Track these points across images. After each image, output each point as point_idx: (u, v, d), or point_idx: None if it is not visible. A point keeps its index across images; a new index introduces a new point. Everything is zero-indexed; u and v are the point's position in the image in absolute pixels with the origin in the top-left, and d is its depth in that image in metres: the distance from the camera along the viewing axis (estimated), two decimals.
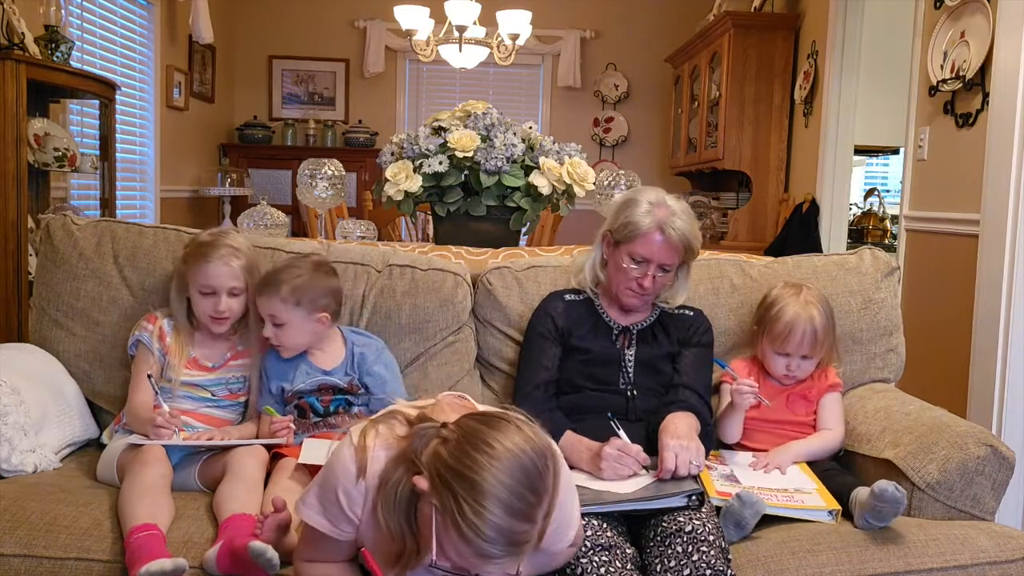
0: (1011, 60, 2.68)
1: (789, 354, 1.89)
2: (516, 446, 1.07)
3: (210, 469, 1.70)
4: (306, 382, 1.84)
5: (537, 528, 1.08)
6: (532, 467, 1.06)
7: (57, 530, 1.49)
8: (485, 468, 1.04)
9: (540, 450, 1.08)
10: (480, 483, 1.04)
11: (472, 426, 1.10)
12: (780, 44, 4.77)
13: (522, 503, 1.05)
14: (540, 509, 1.07)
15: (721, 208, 5.40)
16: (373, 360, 1.86)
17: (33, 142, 2.99)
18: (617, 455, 1.62)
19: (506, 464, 1.05)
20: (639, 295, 1.86)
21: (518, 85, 6.60)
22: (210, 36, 5.22)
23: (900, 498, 1.52)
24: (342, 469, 1.20)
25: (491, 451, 1.05)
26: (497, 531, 1.04)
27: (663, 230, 1.80)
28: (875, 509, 1.55)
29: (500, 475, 1.04)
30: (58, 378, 1.93)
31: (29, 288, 2.72)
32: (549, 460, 1.09)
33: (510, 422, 1.10)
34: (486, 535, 1.04)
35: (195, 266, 1.82)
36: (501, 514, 1.04)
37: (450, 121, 2.56)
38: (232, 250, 1.83)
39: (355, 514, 1.21)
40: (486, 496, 1.04)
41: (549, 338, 1.89)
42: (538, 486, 1.07)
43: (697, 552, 1.43)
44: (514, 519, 1.04)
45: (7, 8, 2.92)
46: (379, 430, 1.19)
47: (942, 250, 3.15)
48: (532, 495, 1.06)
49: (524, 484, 1.05)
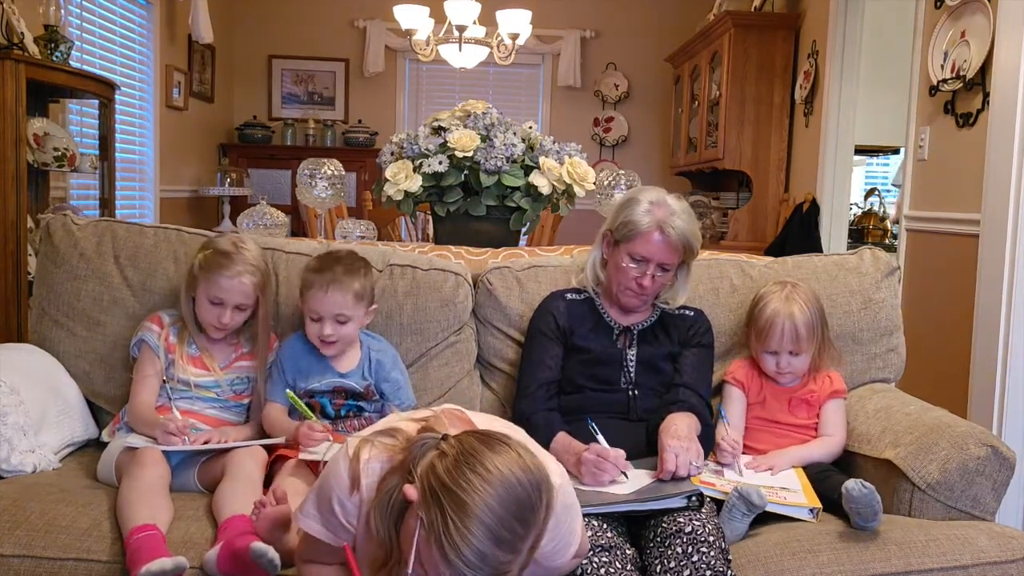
0: (1011, 60, 2.67)
1: (776, 352, 1.89)
2: (512, 474, 1.04)
3: (210, 470, 1.70)
4: (321, 382, 1.83)
5: (520, 560, 1.05)
6: (525, 498, 1.04)
7: (56, 530, 1.49)
8: (477, 490, 1.02)
9: (536, 482, 1.05)
10: (469, 504, 1.01)
11: (472, 444, 1.07)
12: (780, 44, 4.77)
13: (509, 533, 1.02)
14: (526, 542, 1.05)
15: (721, 208, 5.40)
16: (391, 367, 1.87)
17: (32, 142, 2.99)
18: (595, 460, 1.61)
19: (499, 490, 1.02)
20: (638, 295, 1.86)
21: (518, 85, 6.60)
22: (209, 36, 5.22)
23: (867, 494, 1.51)
24: (337, 481, 1.19)
25: (486, 474, 1.03)
26: (479, 557, 1.01)
27: (663, 229, 1.80)
28: (852, 511, 1.55)
29: (491, 500, 1.01)
30: (58, 378, 1.92)
31: (29, 288, 2.72)
32: (544, 493, 1.06)
33: (511, 448, 1.07)
34: (466, 558, 1.00)
35: (210, 275, 1.80)
36: (485, 540, 1.01)
37: (450, 121, 2.56)
38: (250, 267, 1.82)
39: (351, 524, 1.20)
40: (473, 519, 1.01)
41: (551, 337, 1.89)
42: (528, 518, 1.04)
43: (697, 553, 1.43)
44: (498, 548, 1.01)
45: (6, 8, 2.92)
46: (375, 443, 1.18)
47: (942, 250, 3.15)
48: (520, 526, 1.03)
49: (514, 514, 1.02)
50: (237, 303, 1.81)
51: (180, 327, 1.87)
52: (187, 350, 1.86)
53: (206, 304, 1.82)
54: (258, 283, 1.83)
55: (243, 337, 1.91)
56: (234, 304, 1.81)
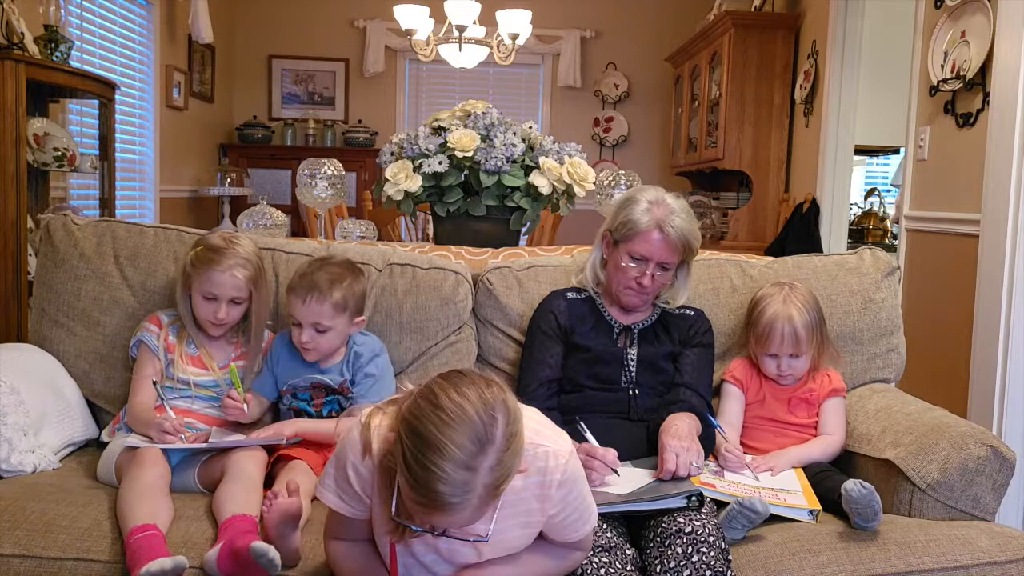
0: (1011, 60, 2.67)
1: (776, 354, 1.89)
2: (463, 397, 1.10)
3: (210, 470, 1.69)
4: (300, 378, 1.84)
5: (482, 478, 1.10)
6: (476, 418, 1.09)
7: (56, 530, 1.49)
8: (429, 419, 1.09)
9: (489, 402, 1.11)
10: (424, 433, 1.08)
11: (431, 382, 1.15)
12: (780, 44, 4.77)
13: (463, 453, 1.08)
14: (484, 459, 1.09)
15: (721, 208, 5.40)
16: (367, 360, 1.85)
17: (32, 142, 2.99)
18: (585, 460, 1.60)
19: (449, 415, 1.09)
20: (638, 294, 1.85)
21: (518, 85, 6.60)
22: (209, 36, 5.22)
23: (867, 494, 1.52)
24: (351, 447, 1.25)
25: (437, 403, 1.10)
26: (438, 480, 1.07)
27: (662, 228, 1.80)
28: (851, 511, 1.55)
29: (442, 426, 1.08)
30: (58, 378, 1.92)
31: (29, 288, 2.72)
32: (498, 413, 1.11)
33: (466, 376, 1.14)
34: (428, 483, 1.08)
35: (202, 270, 1.81)
36: (441, 463, 1.07)
37: (450, 121, 2.56)
38: (241, 260, 1.82)
39: (366, 492, 1.25)
40: (427, 446, 1.08)
41: (552, 336, 1.89)
42: (482, 436, 1.09)
43: (697, 553, 1.43)
44: (455, 468, 1.07)
45: (6, 8, 2.92)
46: (387, 411, 1.23)
47: (942, 250, 3.15)
48: (474, 445, 1.08)
49: (468, 435, 1.08)
50: (231, 297, 1.81)
51: (179, 327, 1.88)
52: (186, 350, 1.86)
53: (201, 301, 1.82)
54: (251, 276, 1.83)
55: (242, 336, 1.91)
56: (228, 298, 1.81)
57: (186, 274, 1.85)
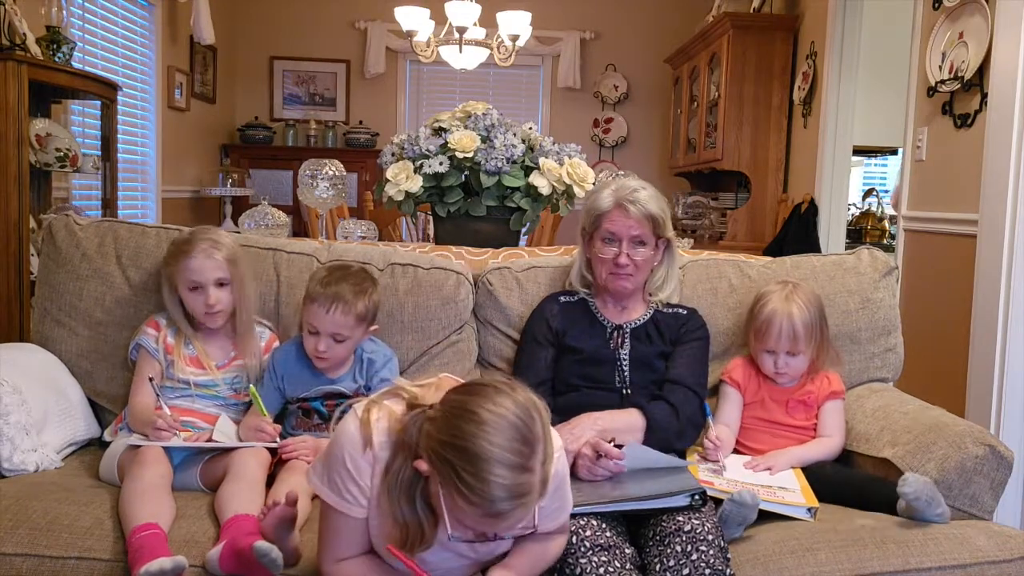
0: (1009, 61, 2.68)
1: (774, 351, 1.90)
2: (500, 406, 1.13)
3: (212, 470, 1.70)
4: (311, 390, 1.83)
5: (538, 476, 1.14)
6: (519, 422, 1.13)
7: (59, 529, 1.49)
8: (475, 435, 1.11)
9: (523, 404, 1.15)
10: (474, 450, 1.10)
11: (455, 400, 1.16)
12: (779, 45, 4.77)
13: (518, 456, 1.11)
14: (536, 457, 1.13)
15: (720, 208, 5.40)
16: (381, 365, 1.86)
17: (35, 142, 3.00)
18: (593, 456, 1.62)
19: (494, 426, 1.11)
20: (622, 276, 1.87)
21: (518, 86, 6.61)
22: (211, 37, 5.23)
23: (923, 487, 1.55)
24: (348, 439, 1.25)
25: (477, 418, 1.12)
26: (502, 489, 1.10)
27: (623, 206, 1.84)
28: (917, 513, 1.59)
29: (491, 437, 1.10)
30: (60, 378, 1.93)
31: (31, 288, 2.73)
32: (533, 412, 1.15)
33: (488, 386, 1.17)
34: (492, 495, 1.10)
35: (178, 263, 1.82)
36: (501, 472, 1.10)
37: (450, 122, 2.57)
38: (212, 243, 1.83)
39: (364, 484, 1.25)
40: (482, 460, 1.10)
41: (543, 343, 1.91)
42: (529, 437, 1.13)
43: (696, 551, 1.44)
44: (514, 473, 1.10)
45: (9, 9, 2.93)
46: (382, 405, 1.24)
47: (940, 250, 3.16)
48: (525, 447, 1.12)
49: (516, 439, 1.12)
50: (215, 279, 1.81)
51: (176, 329, 1.88)
52: (185, 350, 1.87)
53: (189, 295, 1.83)
54: (227, 256, 1.83)
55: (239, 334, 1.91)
56: (212, 281, 1.81)
57: (167, 275, 1.86)
